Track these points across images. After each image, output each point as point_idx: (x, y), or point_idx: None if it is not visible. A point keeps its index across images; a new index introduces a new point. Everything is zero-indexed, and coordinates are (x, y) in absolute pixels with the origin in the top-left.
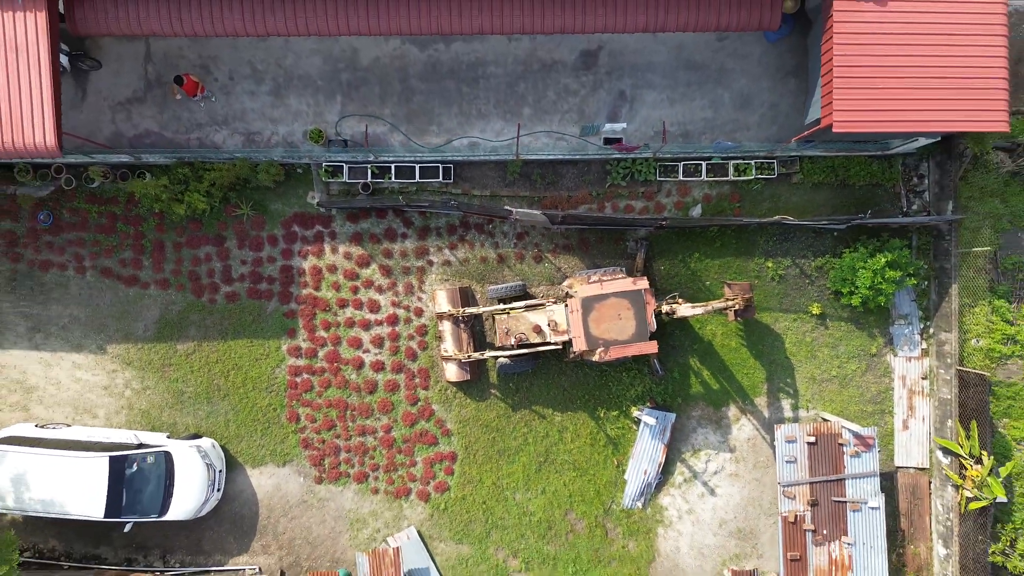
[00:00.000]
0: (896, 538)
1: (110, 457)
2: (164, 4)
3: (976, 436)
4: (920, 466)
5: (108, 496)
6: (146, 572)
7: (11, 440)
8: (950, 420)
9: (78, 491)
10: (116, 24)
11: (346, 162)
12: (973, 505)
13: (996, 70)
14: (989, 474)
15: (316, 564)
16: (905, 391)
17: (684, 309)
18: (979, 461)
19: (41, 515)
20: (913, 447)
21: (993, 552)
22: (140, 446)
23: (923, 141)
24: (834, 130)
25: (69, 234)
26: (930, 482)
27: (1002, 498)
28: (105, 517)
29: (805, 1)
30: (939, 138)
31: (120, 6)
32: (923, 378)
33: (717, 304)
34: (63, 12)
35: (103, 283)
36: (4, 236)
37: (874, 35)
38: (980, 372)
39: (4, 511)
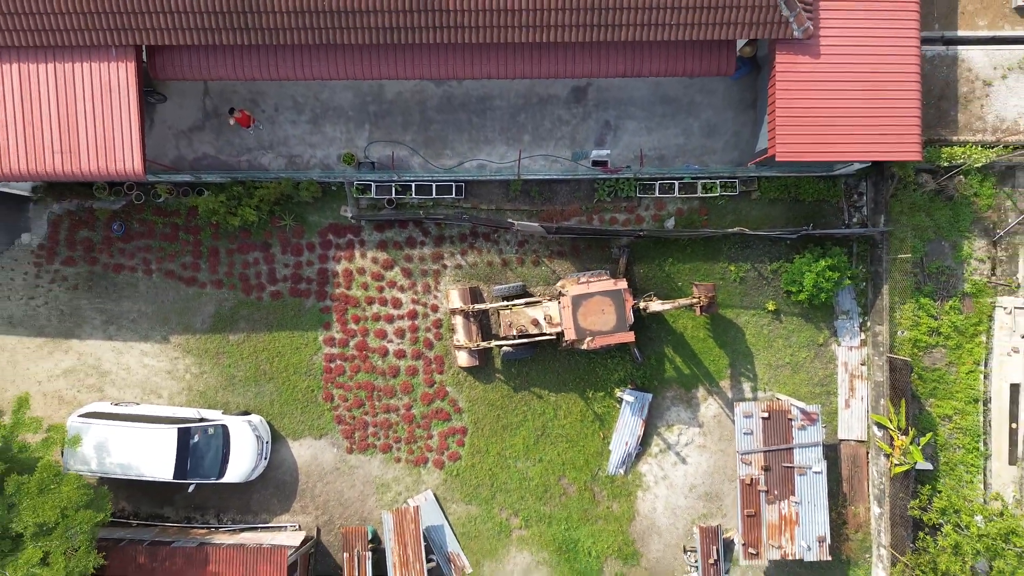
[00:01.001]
0: (839, 500)
1: (178, 428)
2: (229, 56)
3: (904, 412)
4: (859, 439)
5: (176, 461)
6: (203, 528)
7: (92, 415)
8: (883, 399)
9: (151, 457)
10: (189, 71)
11: (374, 181)
12: (897, 469)
13: (911, 110)
14: (911, 443)
15: (347, 522)
16: (847, 375)
17: (655, 305)
18: (905, 433)
19: (120, 477)
20: (854, 423)
21: (912, 507)
22: (201, 420)
23: (858, 165)
24: (776, 159)
25: (138, 241)
26: (867, 452)
27: (922, 464)
28: (174, 479)
29: (758, 49)
30: (871, 163)
31: (193, 57)
32: (862, 364)
33: (683, 301)
34: (145, 61)
35: (167, 283)
36: (83, 243)
37: (810, 81)
38: (904, 359)
39: (88, 473)
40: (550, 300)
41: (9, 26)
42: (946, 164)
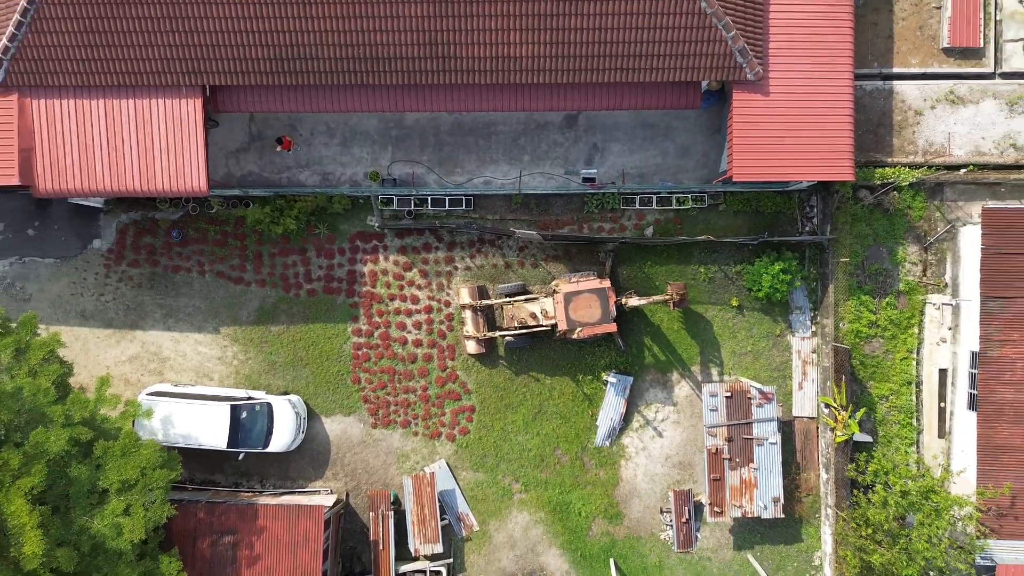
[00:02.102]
0: (793, 468)
1: (230, 405)
2: (279, 93)
3: (844, 391)
4: (810, 416)
5: (229, 433)
6: (249, 491)
7: (157, 394)
8: (829, 381)
9: (208, 429)
10: (245, 105)
11: (395, 195)
12: (839, 439)
13: (845, 139)
14: (850, 417)
15: (372, 486)
16: (800, 362)
17: (634, 301)
18: (846, 409)
19: (181, 446)
20: (806, 402)
21: (849, 470)
22: (249, 398)
23: (808, 183)
24: (733, 179)
25: (193, 246)
26: (817, 427)
27: (860, 435)
28: (227, 448)
29: (724, 83)
30: (818, 181)
31: (249, 94)
32: (813, 352)
33: (658, 297)
34: (208, 96)
35: (217, 282)
36: (146, 248)
37: (761, 115)
38: (846, 346)
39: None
40: (546, 297)
41: (100, 69)
42: (879, 182)
